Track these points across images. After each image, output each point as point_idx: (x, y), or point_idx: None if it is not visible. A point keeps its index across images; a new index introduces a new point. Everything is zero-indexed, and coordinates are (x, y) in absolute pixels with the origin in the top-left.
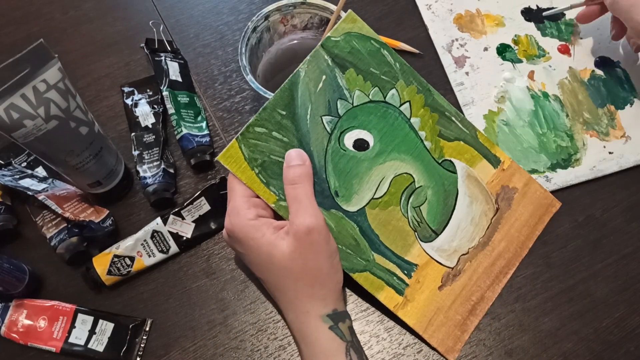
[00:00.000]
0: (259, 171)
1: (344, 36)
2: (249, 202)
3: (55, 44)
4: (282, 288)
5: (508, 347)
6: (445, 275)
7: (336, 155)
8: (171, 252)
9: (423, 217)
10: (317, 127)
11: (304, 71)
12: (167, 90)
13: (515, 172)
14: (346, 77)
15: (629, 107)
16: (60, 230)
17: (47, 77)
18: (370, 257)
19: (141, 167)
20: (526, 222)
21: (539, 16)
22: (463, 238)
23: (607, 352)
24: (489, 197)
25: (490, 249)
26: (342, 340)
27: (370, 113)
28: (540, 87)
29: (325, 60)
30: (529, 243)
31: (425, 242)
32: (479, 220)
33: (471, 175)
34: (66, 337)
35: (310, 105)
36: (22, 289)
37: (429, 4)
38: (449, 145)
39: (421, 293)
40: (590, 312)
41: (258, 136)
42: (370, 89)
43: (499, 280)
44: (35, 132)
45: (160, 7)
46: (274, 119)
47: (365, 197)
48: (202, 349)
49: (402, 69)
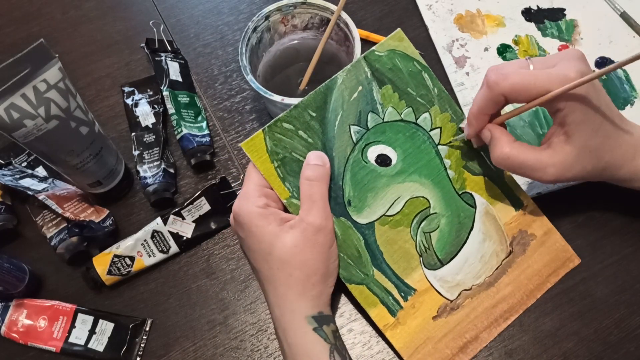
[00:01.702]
0: (278, 165)
1: (388, 52)
2: (261, 191)
3: (56, 44)
4: (274, 281)
5: (508, 348)
6: (442, 306)
7: (357, 165)
8: (171, 252)
9: (432, 244)
10: (344, 135)
11: (342, 78)
12: (167, 90)
13: (537, 219)
14: (382, 92)
15: (629, 107)
16: (61, 230)
17: (47, 77)
18: (369, 272)
19: (141, 167)
20: (539, 271)
21: (539, 16)
22: (469, 273)
23: (607, 353)
24: (504, 239)
25: (494, 290)
26: (326, 343)
27: (399, 131)
28: None
29: (365, 72)
30: (537, 293)
31: (428, 269)
32: (489, 259)
33: (490, 212)
34: (66, 337)
35: (342, 112)
36: (22, 288)
37: (429, 4)
38: (473, 178)
39: (414, 319)
40: (591, 312)
41: (284, 132)
42: (404, 108)
43: (498, 324)
44: (35, 131)
45: (161, 7)
46: (303, 118)
47: (377, 212)
48: (202, 349)
49: (439, 95)
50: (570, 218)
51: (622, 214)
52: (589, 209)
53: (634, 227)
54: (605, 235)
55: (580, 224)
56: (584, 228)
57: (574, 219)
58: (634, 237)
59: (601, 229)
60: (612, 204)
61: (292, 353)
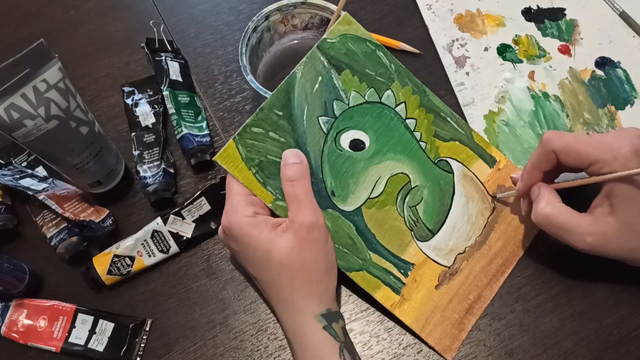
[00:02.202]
0: (256, 171)
1: (340, 38)
2: (246, 200)
3: (56, 44)
4: (277, 286)
5: (508, 348)
6: (442, 274)
7: (332, 155)
8: (171, 252)
9: (419, 217)
10: (314, 128)
11: (300, 72)
12: (167, 90)
13: (512, 172)
14: (342, 79)
15: (629, 107)
16: (61, 230)
17: (47, 77)
18: (366, 256)
19: (141, 167)
20: (523, 221)
21: (539, 16)
22: (459, 237)
23: (607, 352)
24: (485, 197)
25: (487, 248)
26: (336, 341)
27: (366, 114)
28: (541, 87)
29: (322, 62)
30: (526, 242)
31: (421, 242)
32: (476, 220)
33: (467, 174)
34: (66, 337)
35: (307, 105)
36: (22, 288)
37: (429, 4)
38: (445, 145)
39: (418, 292)
40: (591, 312)
41: (255, 136)
42: (366, 90)
43: (497, 279)
44: (35, 131)
45: (161, 7)
46: (270, 119)
47: (362, 196)
48: (202, 349)
49: (397, 70)
50: None
51: None
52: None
53: None
54: None
55: None
56: None
57: None
58: None
59: None
60: None
61: (303, 354)
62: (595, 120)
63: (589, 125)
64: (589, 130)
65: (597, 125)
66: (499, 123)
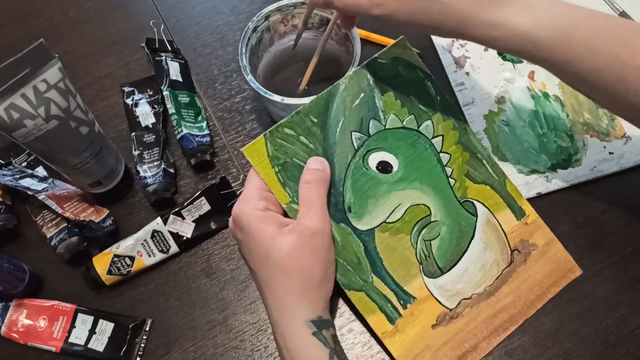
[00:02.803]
0: (279, 170)
1: (391, 60)
2: (261, 194)
3: (56, 44)
4: (272, 285)
5: (508, 348)
6: (442, 315)
7: (358, 172)
8: (171, 252)
9: (432, 252)
10: (345, 141)
11: (344, 85)
12: (167, 90)
13: (539, 229)
14: (384, 100)
15: None
16: (61, 230)
17: (47, 77)
18: (369, 279)
19: (141, 167)
20: (540, 281)
21: None
22: (469, 282)
23: (607, 352)
24: (505, 248)
25: (495, 300)
26: (326, 347)
27: (401, 139)
28: (541, 88)
29: (368, 80)
30: (537, 304)
31: (428, 277)
32: (490, 269)
33: (491, 221)
34: (66, 337)
35: (343, 119)
36: (22, 288)
37: None
38: (475, 187)
39: (413, 327)
40: (591, 312)
41: (285, 137)
42: (406, 116)
43: (498, 333)
44: (35, 131)
45: (161, 7)
46: (304, 124)
47: (378, 219)
48: (202, 349)
49: (442, 103)
50: (570, 218)
51: (622, 214)
52: (589, 209)
53: (634, 227)
54: (605, 235)
55: (580, 224)
56: (584, 228)
57: (574, 219)
58: (634, 237)
59: (601, 229)
60: (612, 204)
61: (292, 358)
62: (595, 120)
63: (589, 125)
64: (589, 130)
65: (597, 126)
66: (499, 123)
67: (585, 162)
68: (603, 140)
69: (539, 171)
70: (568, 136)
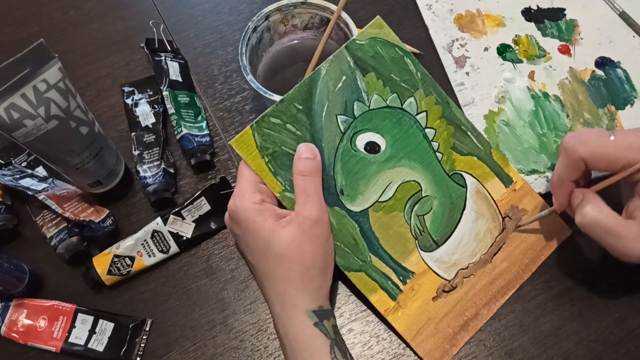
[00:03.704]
0: (269, 160)
1: (369, 40)
2: (255, 187)
3: (55, 44)
4: (273, 277)
5: (508, 348)
6: (441, 286)
7: (346, 154)
8: (171, 252)
9: (426, 227)
10: (331, 125)
11: (325, 69)
12: (167, 90)
13: (527, 194)
14: (366, 81)
15: (629, 107)
16: (61, 230)
17: (47, 77)
18: (367, 259)
19: (141, 167)
20: (532, 245)
21: (539, 16)
22: (464, 252)
23: (607, 352)
24: (497, 216)
25: (491, 267)
26: (327, 338)
27: (386, 118)
28: (541, 87)
29: (348, 62)
30: (532, 267)
31: (425, 252)
32: (483, 237)
33: (480, 191)
34: (66, 337)
35: (327, 103)
36: (22, 288)
37: (429, 4)
38: (462, 159)
39: (414, 301)
40: (591, 312)
41: (272, 126)
42: (389, 95)
43: (496, 299)
44: (35, 131)
45: (161, 7)
46: (290, 111)
47: (370, 199)
48: (202, 349)
49: (423, 78)
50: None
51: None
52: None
53: None
54: None
55: None
56: None
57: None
58: None
59: None
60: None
61: (293, 349)
62: (595, 120)
63: (589, 125)
64: None
65: (597, 125)
66: (499, 123)
67: None
68: None
69: (539, 171)
70: None
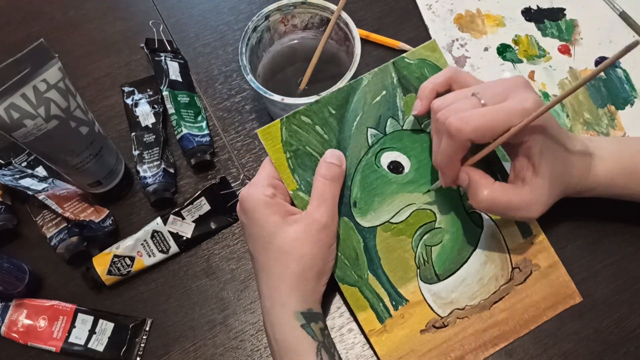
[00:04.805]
0: (290, 156)
1: (418, 61)
2: (271, 181)
3: (55, 44)
4: (269, 271)
5: (508, 347)
6: (432, 321)
7: (368, 168)
8: (171, 252)
9: (431, 258)
10: (360, 136)
11: (367, 80)
12: (167, 90)
13: (544, 250)
14: (405, 100)
15: (629, 107)
16: (61, 230)
17: (47, 77)
18: (364, 275)
19: (141, 167)
20: (536, 303)
21: (539, 16)
22: (464, 293)
23: (607, 352)
24: (507, 264)
25: (488, 315)
26: (314, 340)
27: (416, 141)
28: (541, 87)
29: (392, 77)
30: (531, 324)
31: (424, 282)
32: (487, 282)
33: (496, 236)
34: (66, 337)
35: (362, 114)
36: (22, 288)
37: (429, 3)
38: None
39: (401, 329)
40: (591, 312)
41: (301, 124)
42: (425, 120)
43: (486, 348)
44: (35, 131)
45: (161, 7)
46: (322, 114)
47: (382, 217)
48: (202, 349)
49: None
50: (570, 218)
51: (622, 214)
52: (589, 209)
53: (634, 227)
54: (605, 235)
55: (580, 224)
56: (584, 228)
57: (574, 218)
58: (633, 237)
59: (601, 229)
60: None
61: (279, 348)
62: (595, 120)
63: (589, 125)
64: (589, 130)
65: (597, 125)
66: None
67: None
68: None
69: None
70: None
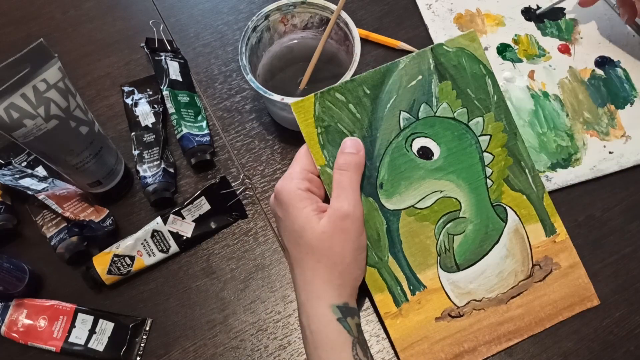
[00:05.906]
0: (321, 132)
1: (457, 50)
2: (306, 175)
3: (55, 44)
4: (302, 265)
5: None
6: (448, 309)
7: (398, 151)
8: (171, 252)
9: (452, 247)
10: (392, 119)
11: (404, 64)
12: (167, 89)
13: (566, 250)
14: (440, 87)
15: (629, 106)
16: (60, 230)
17: (47, 77)
18: (384, 257)
19: (141, 167)
20: (554, 302)
21: (539, 16)
22: (482, 285)
23: (607, 352)
24: (528, 260)
25: (504, 309)
26: (349, 335)
27: (448, 129)
28: (541, 87)
29: (429, 63)
30: (547, 323)
31: (444, 271)
32: (507, 277)
33: (519, 231)
34: (66, 337)
35: (396, 96)
36: (22, 288)
37: (429, 3)
38: (511, 193)
39: (417, 314)
40: (590, 311)
41: (335, 101)
42: (458, 108)
43: (500, 342)
44: (35, 131)
45: (161, 7)
46: (356, 92)
47: (407, 201)
48: (202, 349)
49: (498, 103)
50: (570, 218)
51: (622, 214)
52: (588, 208)
53: (634, 227)
54: (605, 235)
55: (580, 224)
56: (584, 228)
57: (574, 218)
58: (633, 236)
59: (601, 228)
60: (612, 204)
61: (315, 340)
62: (595, 120)
63: (589, 124)
64: (589, 129)
65: (597, 125)
66: None
67: (585, 161)
68: (603, 139)
69: (539, 171)
70: (568, 135)
